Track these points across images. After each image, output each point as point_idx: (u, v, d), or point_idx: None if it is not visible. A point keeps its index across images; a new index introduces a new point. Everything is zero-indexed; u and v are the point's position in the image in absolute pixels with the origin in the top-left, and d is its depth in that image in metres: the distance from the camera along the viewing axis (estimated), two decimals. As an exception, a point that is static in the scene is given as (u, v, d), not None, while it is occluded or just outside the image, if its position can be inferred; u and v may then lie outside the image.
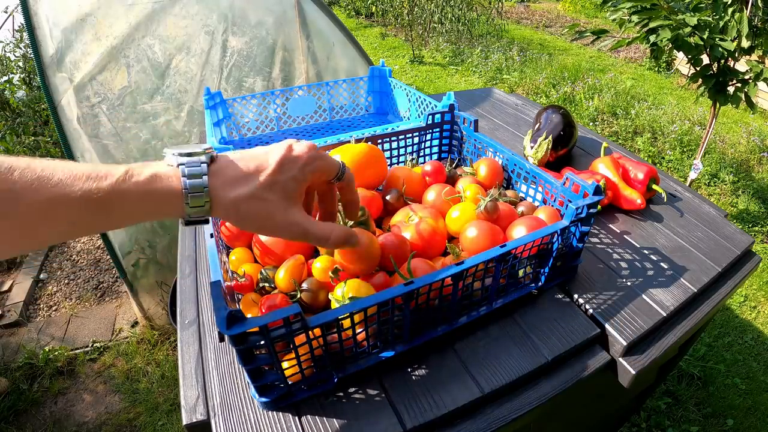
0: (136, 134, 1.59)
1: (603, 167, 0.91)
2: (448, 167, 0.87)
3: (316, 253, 0.69)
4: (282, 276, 0.61)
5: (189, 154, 0.40)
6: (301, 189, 0.43)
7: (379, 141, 0.85)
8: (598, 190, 0.63)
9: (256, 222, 0.42)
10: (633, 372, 0.62)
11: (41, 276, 2.14)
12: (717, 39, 1.66)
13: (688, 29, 1.64)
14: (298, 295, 0.60)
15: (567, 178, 0.69)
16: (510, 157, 0.80)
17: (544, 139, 0.99)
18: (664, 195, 0.92)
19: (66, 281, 2.11)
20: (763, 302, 2.02)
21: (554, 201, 0.74)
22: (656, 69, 4.40)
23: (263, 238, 0.67)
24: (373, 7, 5.65)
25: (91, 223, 0.37)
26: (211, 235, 0.55)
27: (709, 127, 2.05)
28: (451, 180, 0.85)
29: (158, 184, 0.38)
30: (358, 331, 0.53)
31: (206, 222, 0.42)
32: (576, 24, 1.98)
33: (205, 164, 0.40)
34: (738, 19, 1.65)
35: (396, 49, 4.97)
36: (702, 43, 1.70)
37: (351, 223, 0.65)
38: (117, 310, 1.95)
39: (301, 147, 0.44)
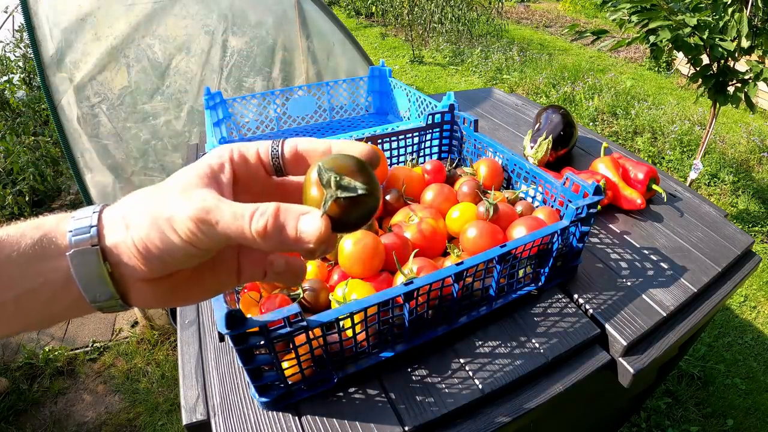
0: (136, 134, 1.59)
1: (603, 167, 0.91)
2: (448, 167, 0.87)
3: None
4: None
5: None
6: (203, 173, 0.28)
7: (379, 141, 0.85)
8: (598, 190, 0.63)
9: (152, 233, 0.26)
10: (633, 372, 0.62)
11: (41, 276, 2.14)
12: (717, 39, 1.66)
13: (687, 29, 1.64)
14: (300, 295, 0.60)
15: (567, 178, 0.69)
16: (510, 157, 0.80)
17: (544, 139, 0.99)
18: (664, 195, 0.92)
19: (66, 281, 2.11)
20: (763, 302, 2.02)
21: (554, 201, 0.74)
22: (656, 69, 4.40)
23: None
24: (373, 7, 5.65)
25: None
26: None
27: (709, 127, 2.05)
28: (451, 180, 0.85)
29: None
30: (358, 331, 0.53)
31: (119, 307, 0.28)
32: (576, 24, 1.98)
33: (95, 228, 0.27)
34: (738, 19, 1.65)
35: (396, 49, 4.97)
36: (702, 43, 1.70)
37: None
38: (117, 310, 1.95)
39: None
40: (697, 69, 1.85)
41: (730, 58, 1.77)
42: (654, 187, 0.91)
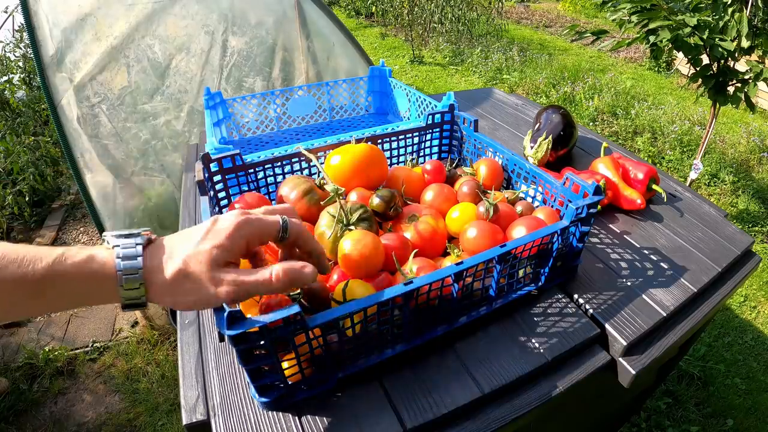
0: (136, 134, 1.59)
1: (603, 167, 0.91)
2: (448, 167, 0.87)
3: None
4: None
5: (126, 236, 0.40)
6: (227, 256, 0.42)
7: (379, 141, 0.85)
8: (598, 190, 0.63)
9: (188, 297, 0.40)
10: (633, 372, 0.62)
11: (41, 276, 2.14)
12: (717, 39, 1.66)
13: (687, 29, 1.64)
14: (300, 295, 0.59)
15: (567, 178, 0.69)
16: (510, 157, 0.80)
17: (544, 139, 0.99)
18: (664, 195, 0.92)
19: (66, 281, 2.11)
20: (763, 302, 2.02)
21: (554, 201, 0.74)
22: (656, 69, 4.40)
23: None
24: (373, 7, 5.65)
25: (23, 306, 0.37)
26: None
27: (709, 127, 2.05)
28: (451, 180, 0.85)
29: (94, 265, 0.38)
30: (358, 331, 0.53)
31: (144, 306, 0.41)
32: (576, 24, 1.98)
33: (140, 245, 0.40)
34: (738, 19, 1.65)
35: (396, 49, 4.97)
36: (702, 43, 1.70)
37: (353, 219, 0.64)
38: (117, 310, 1.95)
39: (227, 217, 0.43)
40: (697, 69, 1.85)
41: (730, 58, 1.77)
42: (654, 187, 0.91)
